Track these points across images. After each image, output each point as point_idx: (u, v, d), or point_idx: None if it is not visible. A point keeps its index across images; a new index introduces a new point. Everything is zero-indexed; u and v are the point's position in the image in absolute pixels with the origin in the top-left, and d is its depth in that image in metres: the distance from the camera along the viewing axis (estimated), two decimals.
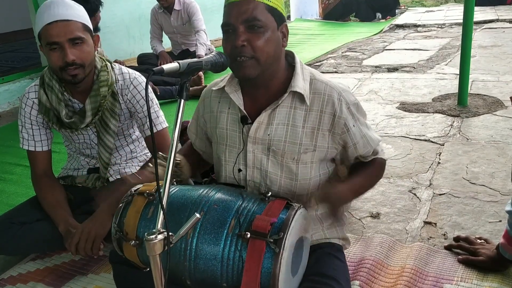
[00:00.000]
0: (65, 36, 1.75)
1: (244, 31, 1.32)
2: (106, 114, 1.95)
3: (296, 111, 1.42)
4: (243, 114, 1.45)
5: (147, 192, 1.40)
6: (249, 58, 1.32)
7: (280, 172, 1.45)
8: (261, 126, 1.43)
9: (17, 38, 7.54)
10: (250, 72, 1.34)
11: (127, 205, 1.42)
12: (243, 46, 1.31)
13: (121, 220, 1.40)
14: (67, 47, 1.76)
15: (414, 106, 3.65)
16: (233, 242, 1.25)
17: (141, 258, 1.38)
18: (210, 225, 1.28)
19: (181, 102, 1.16)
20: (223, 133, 1.51)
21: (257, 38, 1.32)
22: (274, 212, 1.26)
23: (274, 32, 1.35)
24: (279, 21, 1.37)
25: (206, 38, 4.76)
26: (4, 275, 1.96)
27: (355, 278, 1.69)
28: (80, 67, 1.80)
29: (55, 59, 1.78)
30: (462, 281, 1.66)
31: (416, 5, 10.56)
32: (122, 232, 1.38)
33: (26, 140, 1.99)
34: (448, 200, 2.24)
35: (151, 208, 1.38)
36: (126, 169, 2.12)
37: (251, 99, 1.47)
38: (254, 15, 1.31)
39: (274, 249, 1.20)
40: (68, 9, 1.78)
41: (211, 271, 1.26)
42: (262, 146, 1.44)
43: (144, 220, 1.36)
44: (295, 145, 1.41)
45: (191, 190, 1.40)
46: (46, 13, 1.75)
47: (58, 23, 1.74)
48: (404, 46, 6.01)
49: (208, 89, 1.60)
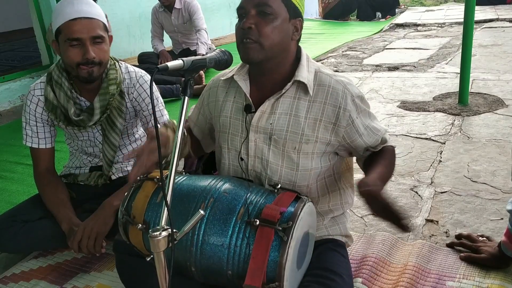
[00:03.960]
0: (88, 33, 1.75)
1: (255, 15, 1.35)
2: (114, 113, 1.96)
3: (300, 102, 1.42)
4: (248, 103, 1.47)
5: (157, 177, 1.42)
6: (254, 41, 1.34)
7: (281, 161, 1.45)
8: (264, 115, 1.44)
9: (17, 37, 7.54)
10: (254, 55, 1.36)
11: (137, 189, 1.43)
12: (250, 28, 1.34)
13: (129, 204, 1.41)
14: (89, 45, 1.76)
15: (415, 104, 3.65)
16: (241, 229, 1.25)
17: (146, 243, 1.38)
18: (219, 211, 1.29)
19: (185, 99, 1.16)
20: (226, 121, 1.52)
21: (265, 24, 1.34)
22: (284, 203, 1.28)
23: (284, 22, 1.37)
24: (293, 14, 1.39)
25: (207, 37, 4.76)
26: (7, 273, 1.96)
27: (358, 275, 1.69)
28: (98, 65, 1.81)
29: (74, 55, 1.78)
30: (464, 278, 1.66)
31: (415, 4, 10.57)
32: (130, 216, 1.39)
33: (29, 137, 1.99)
34: (450, 198, 2.25)
35: (160, 193, 1.39)
36: (128, 168, 2.12)
37: (257, 88, 1.48)
38: (266, 1, 1.34)
39: (282, 237, 1.20)
40: (91, 7, 1.79)
41: (217, 258, 1.27)
42: (264, 135, 1.45)
43: (152, 205, 1.37)
44: (296, 134, 1.42)
45: (200, 179, 1.42)
46: (69, 8, 1.75)
47: (82, 20, 1.75)
48: (405, 45, 6.01)
49: (217, 78, 1.61)
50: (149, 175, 1.45)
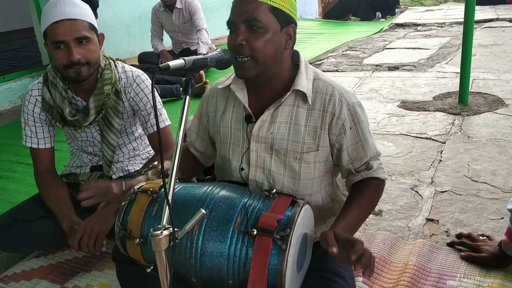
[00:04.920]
0: (71, 35, 1.75)
1: (244, 31, 1.33)
2: (110, 112, 1.95)
3: (299, 110, 1.42)
4: (247, 113, 1.45)
5: (151, 190, 1.38)
6: (248, 58, 1.33)
7: (283, 171, 1.45)
8: (264, 124, 1.43)
9: (18, 37, 7.54)
10: (249, 73, 1.35)
11: (131, 203, 1.40)
12: (241, 45, 1.32)
13: (124, 218, 1.38)
14: (73, 46, 1.76)
15: (415, 104, 3.65)
16: (239, 239, 1.24)
17: (145, 256, 1.37)
18: (215, 222, 1.28)
19: (186, 98, 1.16)
20: (227, 132, 1.51)
21: (255, 39, 1.32)
22: (280, 209, 1.26)
23: (276, 34, 1.34)
24: (284, 23, 1.36)
25: (207, 37, 4.76)
26: (8, 272, 1.97)
27: (359, 274, 1.69)
28: (86, 65, 1.81)
29: (60, 58, 1.78)
30: (464, 277, 1.67)
31: (415, 4, 10.57)
32: (126, 230, 1.37)
33: (29, 137, 1.99)
34: (450, 198, 2.25)
35: (155, 206, 1.36)
36: (129, 167, 2.12)
37: (256, 97, 1.47)
38: (255, 16, 1.31)
39: (280, 245, 1.19)
40: (75, 7, 1.78)
41: (217, 268, 1.26)
42: (265, 144, 1.44)
43: (148, 218, 1.35)
44: (297, 143, 1.41)
45: (195, 188, 1.40)
46: (53, 11, 1.75)
47: (64, 22, 1.74)
48: (405, 45, 6.01)
49: (214, 87, 1.59)
50: (142, 187, 1.43)
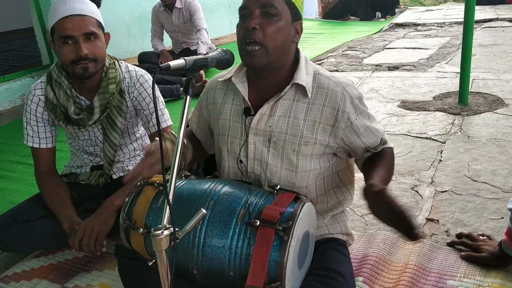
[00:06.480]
0: (80, 30, 1.76)
1: (259, 16, 1.34)
2: (113, 112, 1.96)
3: (298, 104, 1.42)
4: (246, 105, 1.46)
5: (158, 182, 1.42)
6: (259, 46, 1.33)
7: (281, 163, 1.45)
8: (263, 117, 1.44)
9: (18, 36, 7.53)
10: (259, 61, 1.36)
11: (137, 194, 1.44)
12: (254, 29, 1.33)
13: (130, 209, 1.42)
14: (81, 41, 1.77)
15: (415, 104, 3.66)
16: (242, 230, 1.26)
17: (148, 248, 1.39)
18: (219, 213, 1.30)
19: (187, 98, 1.16)
20: (226, 124, 1.52)
21: (269, 25, 1.33)
22: (283, 203, 1.29)
23: (288, 24, 1.37)
24: (295, 17, 1.39)
25: (207, 37, 4.76)
26: (8, 272, 1.97)
27: (359, 274, 1.70)
28: (93, 61, 1.82)
29: (68, 53, 1.79)
30: (465, 277, 1.67)
31: (415, 4, 10.58)
32: (131, 221, 1.40)
33: (30, 137, 1.99)
34: (450, 197, 2.25)
35: (161, 198, 1.40)
36: (129, 167, 2.12)
37: (256, 91, 1.48)
38: (271, 2, 1.33)
39: (282, 237, 1.21)
40: (83, 4, 1.80)
41: (219, 259, 1.27)
42: (263, 137, 1.45)
43: (153, 209, 1.38)
44: (295, 137, 1.42)
45: (199, 183, 1.42)
46: (62, 6, 1.77)
47: (73, 17, 1.76)
48: (404, 45, 6.02)
49: (214, 80, 1.61)
50: (149, 180, 1.46)
